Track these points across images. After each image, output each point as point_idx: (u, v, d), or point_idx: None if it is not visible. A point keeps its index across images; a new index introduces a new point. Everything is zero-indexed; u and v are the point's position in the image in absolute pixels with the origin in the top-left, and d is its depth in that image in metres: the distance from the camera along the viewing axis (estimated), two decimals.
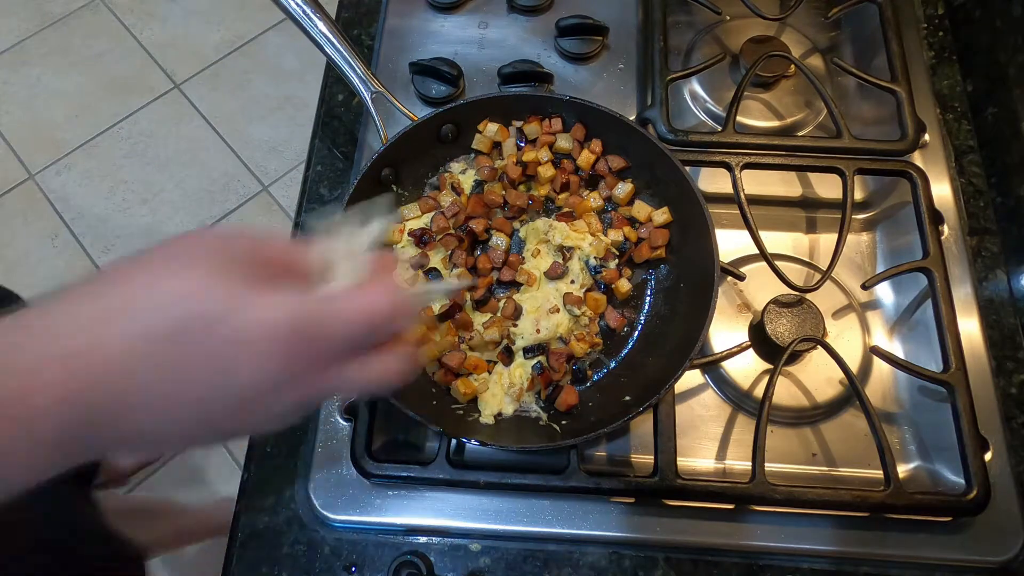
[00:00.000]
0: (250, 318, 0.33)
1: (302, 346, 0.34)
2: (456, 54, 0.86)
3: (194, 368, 0.33)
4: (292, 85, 2.11)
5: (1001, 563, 0.62)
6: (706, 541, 0.64)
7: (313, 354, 0.34)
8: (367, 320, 0.36)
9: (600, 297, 0.70)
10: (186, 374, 0.33)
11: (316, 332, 0.34)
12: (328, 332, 0.35)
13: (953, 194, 0.78)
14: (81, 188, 1.98)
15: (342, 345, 0.36)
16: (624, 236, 0.73)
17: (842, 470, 0.68)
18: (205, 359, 0.33)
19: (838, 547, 0.63)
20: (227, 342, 0.33)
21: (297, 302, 0.34)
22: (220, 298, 0.33)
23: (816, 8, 0.89)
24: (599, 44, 0.85)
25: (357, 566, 0.64)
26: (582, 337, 0.69)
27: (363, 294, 0.37)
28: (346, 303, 0.36)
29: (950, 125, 0.82)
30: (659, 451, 0.63)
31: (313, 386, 0.36)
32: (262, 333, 0.33)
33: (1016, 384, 0.70)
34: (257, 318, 0.33)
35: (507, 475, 0.63)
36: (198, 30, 2.19)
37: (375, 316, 0.36)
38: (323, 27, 0.73)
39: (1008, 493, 0.64)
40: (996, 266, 0.76)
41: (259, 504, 0.66)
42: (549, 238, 0.73)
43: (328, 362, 0.35)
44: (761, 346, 0.70)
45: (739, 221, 0.72)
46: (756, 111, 0.83)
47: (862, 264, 0.77)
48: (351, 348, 0.36)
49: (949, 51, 0.87)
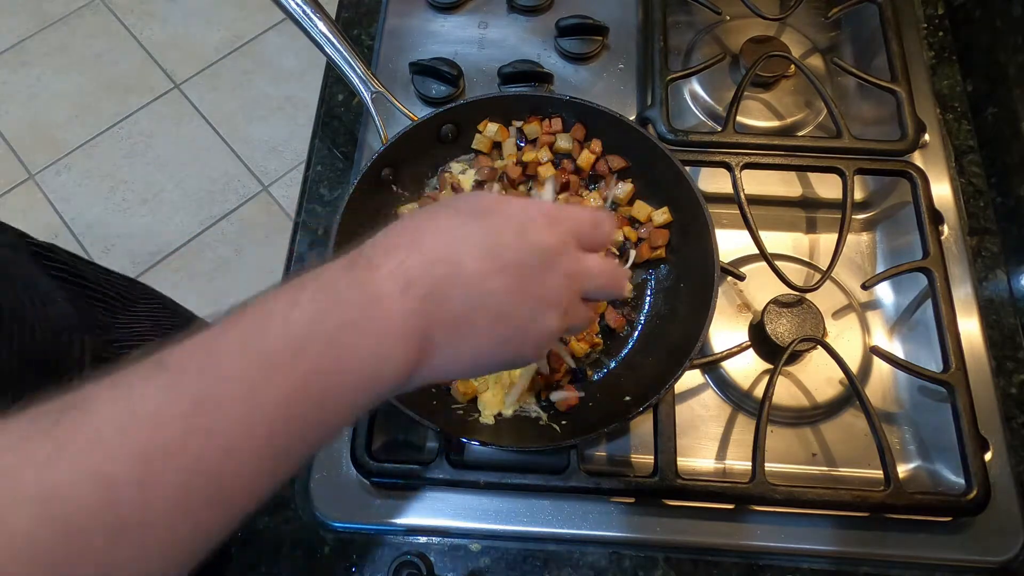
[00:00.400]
0: (521, 210, 0.42)
1: (555, 222, 0.42)
2: (456, 54, 0.86)
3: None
4: (292, 85, 2.11)
5: (1001, 563, 0.62)
6: (706, 541, 0.64)
7: (564, 230, 0.42)
8: (590, 214, 0.44)
9: None
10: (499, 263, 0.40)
11: (559, 214, 0.43)
12: (566, 215, 0.43)
13: (953, 194, 0.78)
14: (81, 188, 1.98)
15: (577, 226, 0.43)
16: (624, 236, 0.73)
17: (842, 470, 0.68)
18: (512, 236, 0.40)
19: (838, 547, 0.63)
20: (508, 219, 0.41)
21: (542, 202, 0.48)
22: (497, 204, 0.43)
23: (816, 8, 0.89)
24: (599, 44, 0.85)
25: (357, 566, 0.64)
26: (582, 337, 0.69)
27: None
28: (570, 206, 0.46)
29: (950, 125, 0.82)
30: (659, 451, 0.63)
31: (572, 267, 0.42)
32: (531, 213, 0.42)
33: (1016, 384, 0.70)
34: (525, 210, 0.42)
35: (507, 475, 0.63)
36: (198, 30, 2.19)
37: (594, 214, 0.45)
38: (323, 27, 0.73)
39: (1008, 493, 0.64)
40: (996, 266, 0.76)
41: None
42: None
43: (574, 245, 0.43)
44: (761, 346, 0.70)
45: (739, 221, 0.72)
46: (756, 111, 0.83)
47: (862, 264, 0.77)
48: (581, 238, 0.43)
49: (949, 51, 0.87)
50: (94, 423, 0.29)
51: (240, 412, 0.32)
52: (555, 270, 0.41)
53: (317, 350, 0.34)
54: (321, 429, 0.35)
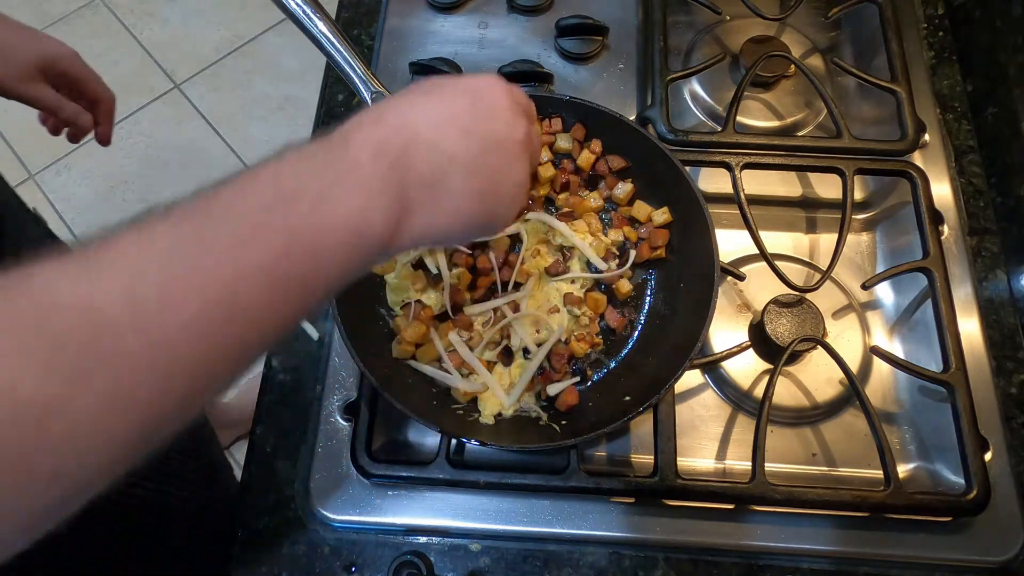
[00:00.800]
0: (470, 79, 0.48)
1: (506, 90, 0.48)
2: (456, 54, 0.86)
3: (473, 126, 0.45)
4: (292, 85, 2.11)
5: (1001, 563, 0.62)
6: (706, 541, 0.64)
7: (522, 104, 0.49)
8: (526, 99, 0.50)
9: (600, 297, 0.70)
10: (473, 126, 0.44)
11: (505, 83, 0.48)
12: (510, 85, 0.49)
13: (953, 194, 0.78)
14: (81, 188, 1.98)
15: (521, 100, 0.49)
16: (624, 236, 0.73)
17: (842, 470, 0.68)
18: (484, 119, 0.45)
19: (838, 547, 0.63)
20: (491, 107, 0.46)
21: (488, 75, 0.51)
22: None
23: (816, 8, 0.89)
24: (599, 44, 0.85)
25: (357, 566, 0.64)
26: (582, 337, 0.69)
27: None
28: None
29: (950, 125, 0.82)
30: (659, 451, 0.63)
31: (530, 137, 0.48)
32: (501, 98, 0.47)
33: (1016, 384, 0.70)
34: (475, 79, 0.48)
35: (507, 475, 0.63)
36: (198, 30, 2.19)
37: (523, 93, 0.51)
38: (323, 27, 0.73)
39: (1008, 493, 0.64)
40: (996, 266, 0.76)
41: (259, 504, 0.66)
42: (549, 238, 0.73)
43: (529, 116, 0.49)
44: (761, 346, 0.70)
45: (739, 221, 0.72)
46: (756, 111, 0.83)
47: (862, 264, 0.77)
48: (525, 112, 0.49)
49: (949, 51, 0.87)
50: (119, 253, 0.33)
51: (244, 248, 0.35)
52: (518, 126, 0.46)
53: (306, 204, 0.38)
54: (318, 277, 0.38)
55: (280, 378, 0.71)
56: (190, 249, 0.34)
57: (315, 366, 0.71)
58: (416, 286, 0.70)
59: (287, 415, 0.70)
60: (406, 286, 0.70)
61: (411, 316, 0.69)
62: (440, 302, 0.70)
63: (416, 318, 0.68)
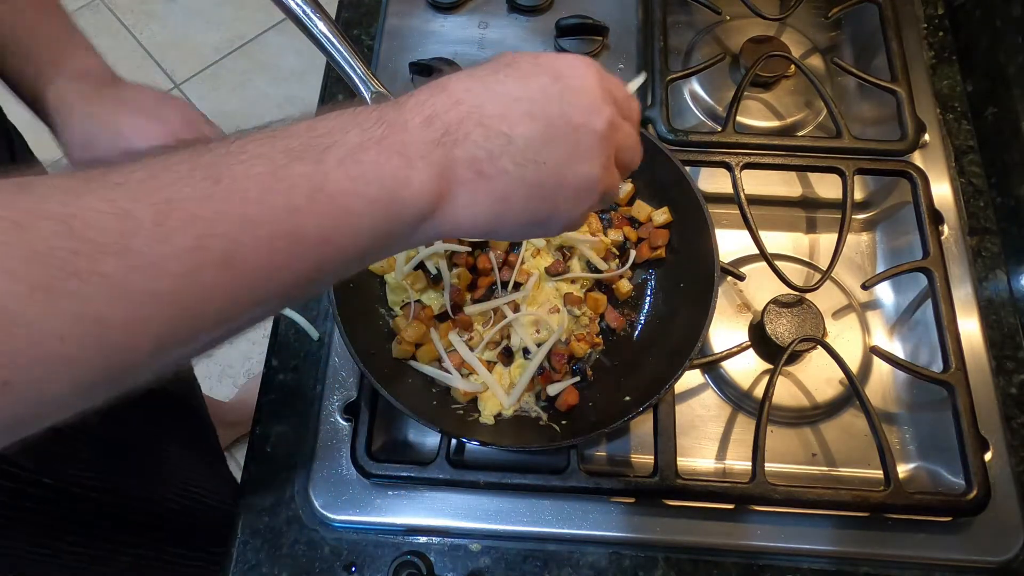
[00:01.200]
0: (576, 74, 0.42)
1: (599, 76, 0.44)
2: (456, 54, 0.86)
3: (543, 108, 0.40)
4: (292, 85, 2.11)
5: (1001, 563, 0.62)
6: (706, 541, 0.64)
7: (606, 86, 0.44)
8: (621, 86, 0.47)
9: (600, 297, 0.70)
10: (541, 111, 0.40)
11: (599, 70, 0.44)
12: (606, 74, 0.45)
13: (953, 194, 0.78)
14: None
15: (616, 88, 0.45)
16: (624, 236, 0.73)
17: (842, 470, 0.68)
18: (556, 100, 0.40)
19: (838, 547, 0.63)
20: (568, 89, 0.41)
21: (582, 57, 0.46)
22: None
23: (816, 8, 0.89)
24: (599, 44, 0.85)
25: (357, 566, 0.64)
26: (582, 337, 0.69)
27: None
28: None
29: (950, 125, 0.82)
30: (659, 451, 0.63)
31: (614, 119, 0.43)
32: (586, 82, 0.42)
33: (1016, 384, 0.70)
34: (579, 71, 0.43)
35: (507, 475, 0.63)
36: (198, 30, 2.19)
37: (623, 87, 0.47)
38: (323, 27, 0.73)
39: (1008, 493, 0.64)
40: (996, 266, 0.76)
41: (259, 504, 0.66)
42: (549, 238, 0.73)
43: (621, 107, 0.45)
44: (761, 346, 0.70)
45: (739, 221, 0.72)
46: (756, 111, 0.83)
47: (862, 264, 0.77)
48: (618, 103, 0.45)
49: (949, 51, 0.87)
50: (127, 174, 0.31)
51: (260, 186, 0.32)
52: (599, 115, 0.41)
53: (338, 156, 0.34)
54: (338, 240, 0.35)
55: (280, 378, 0.71)
56: (200, 182, 0.31)
57: (315, 366, 0.71)
58: (416, 286, 0.70)
59: (287, 415, 0.70)
60: (406, 286, 0.70)
61: (411, 316, 0.69)
62: (440, 302, 0.70)
63: (416, 318, 0.68)
